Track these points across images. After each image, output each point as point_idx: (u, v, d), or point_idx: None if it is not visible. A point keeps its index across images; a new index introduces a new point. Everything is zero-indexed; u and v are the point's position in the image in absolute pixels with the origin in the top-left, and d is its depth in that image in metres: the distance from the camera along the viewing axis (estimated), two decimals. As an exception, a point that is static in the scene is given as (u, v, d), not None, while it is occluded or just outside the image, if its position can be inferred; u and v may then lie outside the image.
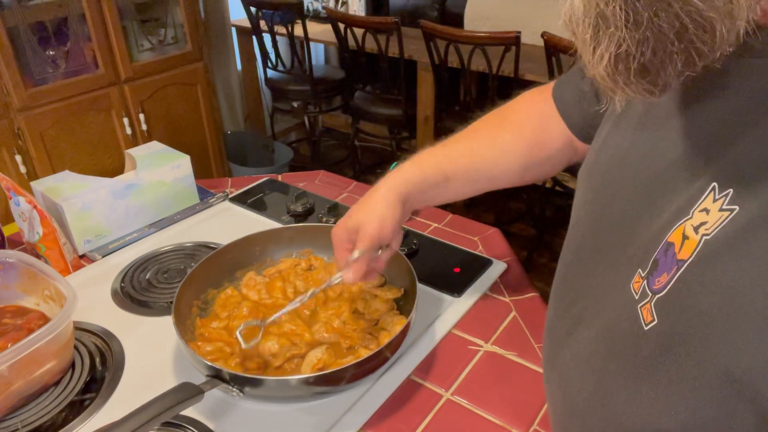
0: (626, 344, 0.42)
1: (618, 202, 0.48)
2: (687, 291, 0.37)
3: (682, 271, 0.37)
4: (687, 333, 0.36)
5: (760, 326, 0.32)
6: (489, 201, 2.94)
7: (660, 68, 0.32)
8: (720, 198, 0.36)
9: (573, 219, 0.57)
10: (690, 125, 0.42)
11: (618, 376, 0.43)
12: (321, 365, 0.71)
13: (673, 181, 0.42)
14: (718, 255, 0.35)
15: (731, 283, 0.34)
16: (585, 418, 0.48)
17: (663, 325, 0.38)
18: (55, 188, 1.00)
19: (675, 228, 0.39)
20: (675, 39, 0.31)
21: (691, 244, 0.37)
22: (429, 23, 2.20)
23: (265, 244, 0.91)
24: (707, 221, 0.36)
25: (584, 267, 0.52)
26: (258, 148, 3.11)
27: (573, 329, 0.52)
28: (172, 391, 0.60)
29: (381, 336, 0.76)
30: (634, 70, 0.33)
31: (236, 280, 0.87)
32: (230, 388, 0.65)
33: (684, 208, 0.39)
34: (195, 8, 2.39)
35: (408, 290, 0.83)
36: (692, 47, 0.31)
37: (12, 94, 1.88)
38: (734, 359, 0.34)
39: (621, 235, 0.46)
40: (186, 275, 0.80)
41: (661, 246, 0.40)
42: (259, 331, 0.71)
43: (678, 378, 0.37)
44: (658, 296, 0.39)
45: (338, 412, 0.70)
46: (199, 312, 0.81)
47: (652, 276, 0.40)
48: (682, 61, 0.32)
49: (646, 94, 0.35)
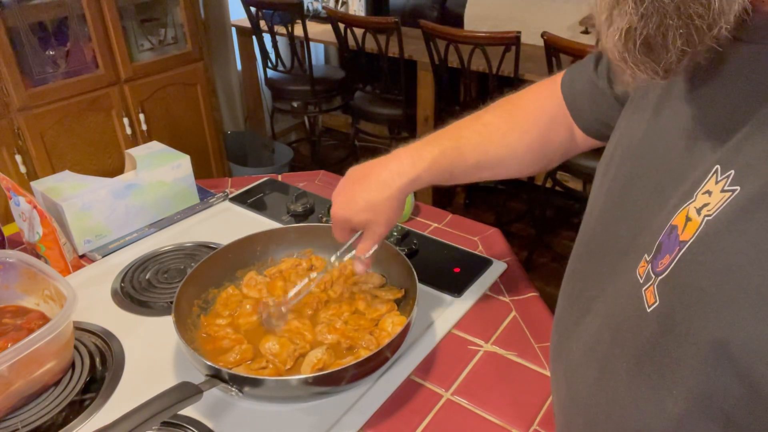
0: (630, 328, 0.43)
1: (629, 193, 0.48)
2: (687, 271, 0.37)
3: (684, 251, 0.38)
4: (686, 312, 0.37)
5: (754, 303, 0.33)
6: (489, 201, 2.94)
7: (662, 44, 0.34)
8: (722, 179, 0.37)
9: (587, 211, 0.57)
10: (697, 112, 0.43)
11: (621, 360, 0.44)
12: (321, 365, 0.71)
13: (681, 167, 0.42)
14: (717, 234, 0.36)
15: (728, 261, 0.35)
16: (588, 406, 0.49)
17: (664, 306, 0.39)
18: (55, 188, 1.00)
19: (679, 211, 0.40)
20: (674, 14, 0.33)
21: (693, 225, 0.38)
22: (429, 23, 2.20)
23: (266, 244, 0.91)
24: (709, 203, 0.37)
25: (593, 258, 0.52)
26: (258, 148, 3.11)
27: (580, 320, 0.52)
28: (170, 391, 0.60)
29: (381, 336, 0.76)
30: (639, 46, 0.35)
31: (237, 279, 0.87)
32: (229, 387, 0.65)
33: (689, 191, 0.40)
34: (195, 8, 2.39)
35: (408, 291, 0.83)
36: (691, 23, 0.33)
37: (12, 94, 1.88)
38: (729, 336, 0.34)
39: (631, 226, 0.47)
40: (186, 275, 0.80)
41: (666, 229, 0.41)
42: (283, 313, 0.78)
43: (678, 357, 0.38)
44: (660, 278, 0.40)
45: (338, 412, 0.70)
46: (200, 311, 0.81)
47: (655, 259, 0.41)
48: (682, 37, 0.34)
49: (651, 74, 0.37)
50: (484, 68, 2.21)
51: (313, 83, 2.80)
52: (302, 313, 0.81)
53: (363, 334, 0.77)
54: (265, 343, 0.74)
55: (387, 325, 0.78)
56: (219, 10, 3.01)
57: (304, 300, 0.82)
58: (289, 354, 0.73)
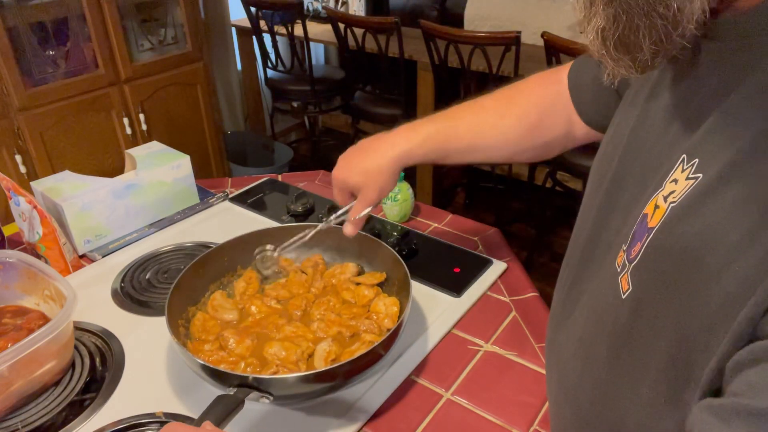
0: (608, 316, 0.45)
1: (618, 188, 0.49)
2: (652, 256, 0.39)
3: (650, 237, 0.40)
4: (653, 296, 0.39)
5: (708, 284, 0.34)
6: (489, 201, 2.94)
7: (635, 43, 0.37)
8: (687, 168, 0.39)
9: (581, 207, 0.58)
10: (675, 106, 0.45)
11: (602, 348, 0.45)
12: (333, 356, 0.71)
13: (659, 159, 0.44)
14: (679, 219, 0.37)
15: (686, 244, 0.36)
16: (576, 395, 0.50)
17: (635, 291, 0.41)
18: (55, 188, 1.00)
19: (650, 200, 0.42)
20: (641, 15, 0.35)
21: (660, 212, 0.40)
22: (429, 23, 2.20)
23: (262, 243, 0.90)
24: (675, 190, 0.39)
25: (583, 253, 0.54)
26: (258, 148, 3.11)
27: (571, 313, 0.54)
28: (214, 406, 0.58)
29: (379, 319, 0.77)
30: (614, 45, 0.37)
31: (229, 285, 0.86)
32: (260, 394, 0.62)
33: (659, 181, 0.42)
34: (195, 8, 2.39)
35: (390, 273, 0.84)
36: (657, 23, 0.35)
37: (12, 94, 1.88)
38: (686, 318, 0.36)
39: (619, 219, 0.48)
40: (177, 277, 0.78)
41: (639, 218, 0.43)
42: (275, 258, 0.81)
43: (649, 340, 0.39)
44: (632, 265, 0.42)
45: (338, 412, 0.70)
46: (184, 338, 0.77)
47: (630, 247, 0.43)
48: (651, 37, 0.36)
49: (629, 70, 0.39)
50: (484, 68, 2.21)
51: (313, 83, 2.80)
52: (292, 316, 0.80)
53: (360, 321, 0.77)
54: (268, 349, 0.73)
55: (380, 307, 0.79)
56: (219, 10, 3.01)
57: (291, 303, 0.82)
58: (298, 357, 0.72)
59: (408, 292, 0.75)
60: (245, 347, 0.74)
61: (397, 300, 0.80)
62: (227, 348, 0.74)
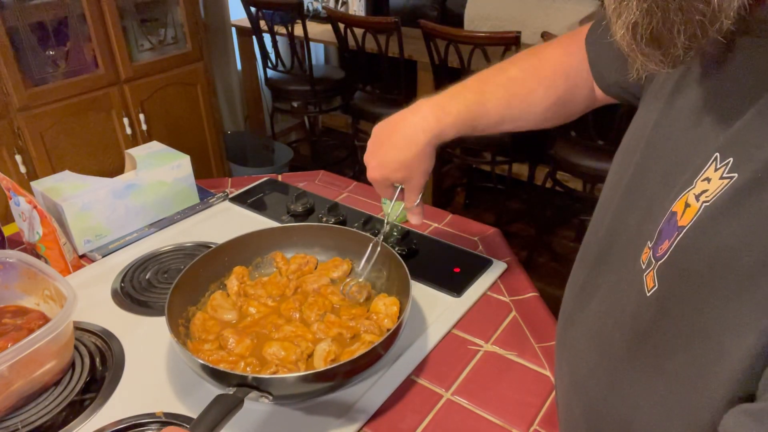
0: (630, 312, 0.44)
1: (640, 183, 0.49)
2: (684, 255, 0.38)
3: (681, 236, 0.39)
4: (682, 295, 0.38)
5: (742, 285, 0.34)
6: (489, 201, 2.94)
7: (668, 39, 0.35)
8: (721, 167, 0.38)
9: (599, 200, 0.58)
10: (705, 101, 0.44)
11: (621, 344, 0.45)
12: (333, 356, 0.71)
13: (686, 155, 0.43)
14: (713, 219, 0.37)
15: (721, 244, 0.36)
16: (588, 390, 0.50)
17: (662, 290, 0.40)
18: (55, 188, 1.00)
19: (679, 198, 0.41)
20: (677, 10, 0.34)
21: (692, 211, 0.39)
22: (429, 23, 2.20)
23: (260, 243, 0.90)
24: (708, 189, 0.38)
25: (600, 246, 0.53)
26: (258, 148, 3.11)
27: (585, 307, 0.53)
28: (213, 405, 0.58)
29: (379, 319, 0.77)
30: (645, 40, 0.36)
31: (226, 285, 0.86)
32: (259, 394, 0.63)
33: (689, 179, 0.41)
34: (195, 8, 2.39)
35: (390, 273, 0.84)
36: (694, 19, 0.34)
37: (12, 94, 1.88)
38: (715, 318, 0.35)
39: (640, 215, 0.48)
40: (178, 276, 0.78)
41: (666, 216, 0.42)
42: (362, 284, 0.83)
43: (673, 340, 0.39)
44: (660, 263, 0.41)
45: (338, 412, 0.70)
46: (184, 337, 0.77)
47: (656, 245, 0.42)
48: (686, 32, 0.35)
49: (660, 65, 0.38)
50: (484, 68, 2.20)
51: (313, 83, 2.80)
52: (290, 317, 0.80)
53: (360, 321, 0.77)
54: (267, 349, 0.73)
55: (380, 307, 0.79)
56: (219, 10, 3.01)
57: (284, 303, 0.82)
58: (297, 356, 0.72)
59: (408, 292, 0.75)
60: (245, 347, 0.74)
61: (396, 300, 0.80)
62: (227, 348, 0.74)
